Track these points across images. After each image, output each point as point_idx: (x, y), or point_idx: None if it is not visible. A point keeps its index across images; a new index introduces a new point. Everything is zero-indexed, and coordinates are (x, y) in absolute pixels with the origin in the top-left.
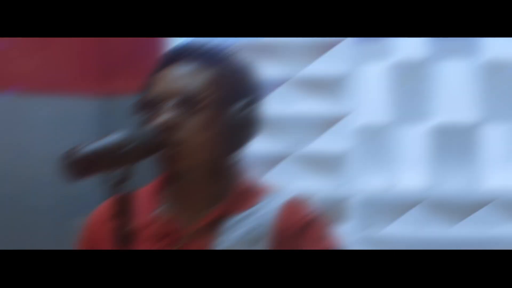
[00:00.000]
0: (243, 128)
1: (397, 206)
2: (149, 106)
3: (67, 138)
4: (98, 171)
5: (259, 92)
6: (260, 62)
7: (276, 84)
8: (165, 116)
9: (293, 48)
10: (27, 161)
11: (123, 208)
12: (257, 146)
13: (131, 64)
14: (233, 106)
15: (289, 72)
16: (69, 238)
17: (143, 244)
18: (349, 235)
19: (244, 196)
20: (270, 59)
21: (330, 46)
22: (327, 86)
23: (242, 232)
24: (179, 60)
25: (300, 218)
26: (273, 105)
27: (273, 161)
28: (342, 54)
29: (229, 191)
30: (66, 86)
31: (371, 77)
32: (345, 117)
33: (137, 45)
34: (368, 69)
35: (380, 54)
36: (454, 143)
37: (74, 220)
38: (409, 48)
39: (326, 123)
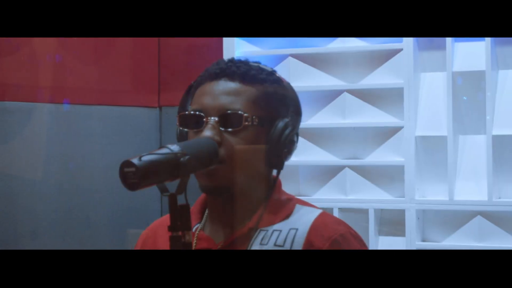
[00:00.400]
0: (282, 148)
1: (455, 218)
2: (193, 120)
3: (125, 148)
4: (155, 181)
5: (297, 112)
6: (318, 72)
7: (334, 94)
8: (208, 132)
9: (349, 58)
10: (85, 171)
11: (180, 218)
12: (314, 158)
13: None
14: (272, 127)
15: (345, 83)
16: (126, 248)
17: None
18: (406, 247)
19: (278, 209)
20: (326, 70)
21: (389, 56)
22: (384, 97)
23: (272, 243)
24: (223, 77)
25: (325, 235)
26: (331, 116)
27: (331, 171)
28: (399, 64)
29: (264, 205)
30: (123, 96)
31: (430, 87)
32: (403, 128)
33: (194, 54)
34: (427, 79)
35: (439, 63)
36: None
37: (132, 231)
38: (470, 56)
39: (384, 134)
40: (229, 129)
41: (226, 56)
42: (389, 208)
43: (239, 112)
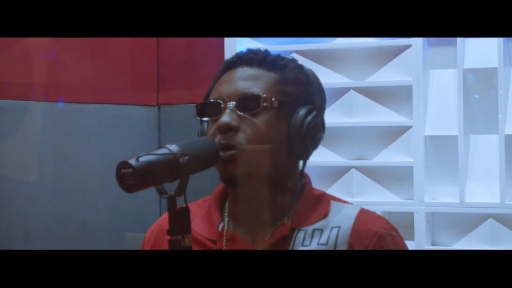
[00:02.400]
0: (306, 135)
1: (466, 221)
2: (211, 108)
3: (122, 148)
4: (153, 183)
5: (321, 100)
6: (323, 69)
7: (340, 92)
8: (226, 117)
9: (356, 54)
10: (81, 172)
11: (179, 221)
12: (319, 158)
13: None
14: (295, 113)
15: (352, 80)
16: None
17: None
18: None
19: (314, 207)
20: (332, 67)
21: (397, 52)
22: (392, 95)
23: (315, 243)
24: (241, 65)
25: (371, 231)
26: (337, 115)
27: (337, 172)
28: (408, 61)
29: (294, 203)
30: (121, 94)
31: (440, 84)
32: (412, 128)
33: (197, 52)
34: (437, 76)
35: (449, 60)
36: None
37: (129, 234)
38: (481, 53)
39: (392, 134)
40: (247, 112)
41: (228, 53)
42: (397, 211)
43: (257, 93)
